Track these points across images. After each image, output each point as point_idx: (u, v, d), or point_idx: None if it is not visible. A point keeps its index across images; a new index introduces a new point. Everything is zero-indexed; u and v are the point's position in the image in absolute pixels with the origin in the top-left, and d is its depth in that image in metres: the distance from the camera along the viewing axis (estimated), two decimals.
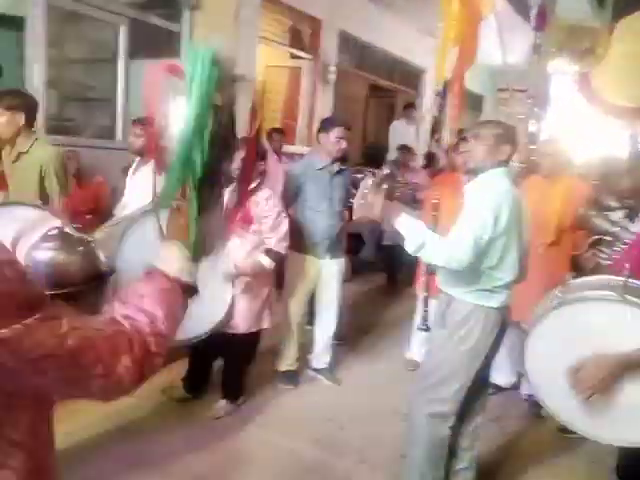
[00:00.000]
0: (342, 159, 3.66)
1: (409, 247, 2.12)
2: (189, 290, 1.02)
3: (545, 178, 3.40)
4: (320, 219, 3.46)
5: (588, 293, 2.11)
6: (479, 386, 2.38)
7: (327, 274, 3.58)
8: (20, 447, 0.80)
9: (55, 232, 1.35)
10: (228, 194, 3.10)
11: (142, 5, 5.25)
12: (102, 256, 1.44)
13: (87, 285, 1.25)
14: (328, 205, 3.48)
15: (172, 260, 1.00)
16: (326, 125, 3.52)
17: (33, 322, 0.72)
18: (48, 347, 0.72)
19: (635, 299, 1.92)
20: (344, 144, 3.43)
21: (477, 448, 2.52)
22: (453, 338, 2.28)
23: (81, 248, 1.34)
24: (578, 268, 3.19)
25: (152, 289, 0.94)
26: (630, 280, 1.96)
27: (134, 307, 0.90)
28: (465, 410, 2.40)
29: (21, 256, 1.19)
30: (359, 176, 4.50)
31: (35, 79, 4.40)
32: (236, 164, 1.85)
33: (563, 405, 2.07)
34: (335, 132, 3.42)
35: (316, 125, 4.01)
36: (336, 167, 3.52)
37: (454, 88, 6.33)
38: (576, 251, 3.27)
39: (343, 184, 3.60)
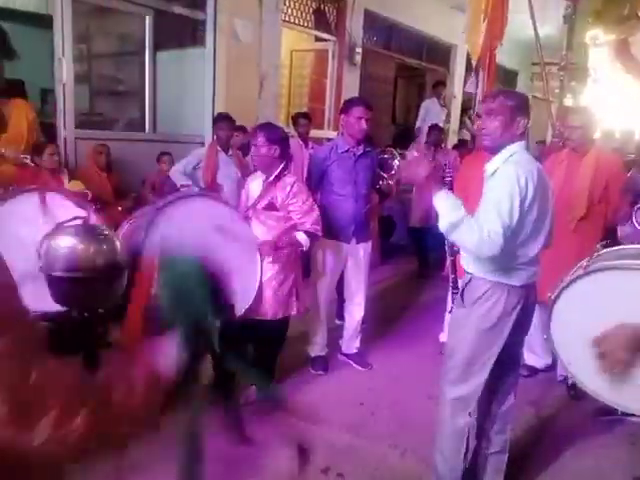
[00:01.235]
0: (367, 140, 3.61)
1: (442, 224, 2.01)
2: (179, 390, 0.99)
3: (574, 151, 3.28)
4: (345, 203, 3.43)
5: (616, 262, 2.03)
6: (508, 367, 2.31)
7: (354, 258, 3.56)
8: None
9: (75, 222, 1.37)
10: (253, 183, 3.15)
11: None
12: (120, 248, 1.45)
13: (101, 274, 1.26)
14: (353, 188, 3.44)
15: (167, 355, 0.96)
16: (346, 106, 3.47)
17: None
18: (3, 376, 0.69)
19: None
20: (364, 124, 3.36)
21: (509, 431, 2.45)
22: (472, 317, 2.19)
23: (99, 238, 1.36)
24: (612, 237, 3.11)
25: (142, 369, 0.90)
26: None
27: (115, 373, 0.86)
28: (494, 392, 2.34)
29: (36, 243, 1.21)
30: (386, 157, 4.45)
31: (64, 75, 4.48)
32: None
33: (593, 377, 2.00)
34: (354, 112, 3.36)
35: None
36: (361, 149, 3.47)
37: (485, 64, 6.16)
38: (608, 223, 3.19)
39: (369, 166, 3.55)
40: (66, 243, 1.30)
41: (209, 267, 1.06)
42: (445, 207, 2.01)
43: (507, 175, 2.05)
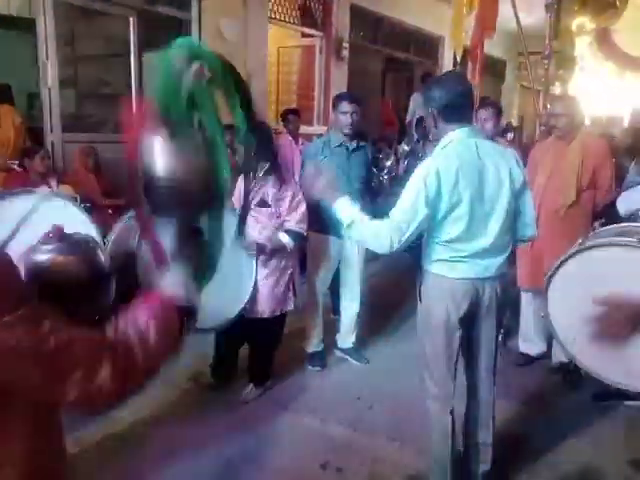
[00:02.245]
0: (359, 135, 3.60)
1: (343, 228, 2.08)
2: (188, 312, 1.01)
3: (560, 139, 3.29)
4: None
5: (609, 239, 2.04)
6: (480, 360, 2.26)
7: (349, 253, 3.55)
8: (14, 453, 0.81)
9: (54, 233, 1.34)
10: (240, 181, 3.14)
11: None
12: (103, 257, 1.43)
13: (85, 287, 1.25)
14: (346, 183, 3.42)
15: (173, 282, 0.99)
16: (335, 101, 3.48)
17: (13, 319, 0.71)
18: (25, 345, 0.72)
19: None
20: (350, 118, 3.35)
21: (492, 423, 2.36)
22: (424, 313, 2.19)
23: (80, 249, 1.33)
24: (608, 216, 3.12)
25: (147, 307, 0.93)
26: None
27: (125, 321, 0.89)
28: (474, 386, 2.30)
29: (18, 257, 1.20)
30: (380, 156, 4.46)
31: (49, 78, 4.45)
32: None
33: (592, 356, 2.00)
34: (341, 107, 3.36)
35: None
36: (354, 144, 3.47)
37: (474, 55, 6.17)
38: (596, 210, 3.21)
39: (362, 161, 3.54)
40: (43, 257, 1.27)
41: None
42: (340, 212, 2.08)
43: (418, 170, 2.03)
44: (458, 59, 6.80)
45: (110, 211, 4.05)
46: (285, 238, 3.02)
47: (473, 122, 2.13)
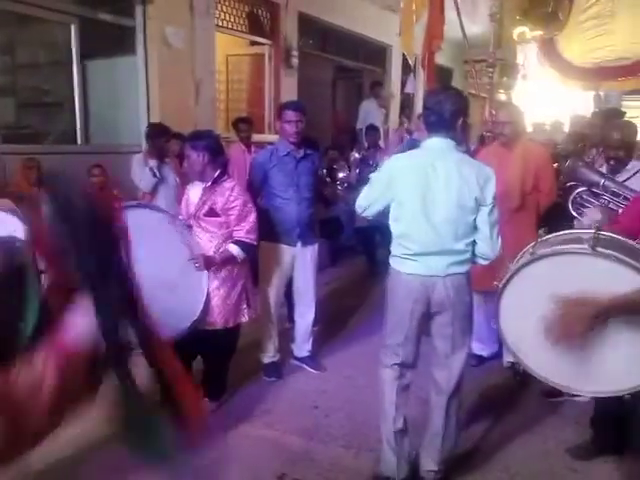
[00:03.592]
0: (309, 143, 3.61)
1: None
2: (103, 356, 0.94)
3: (504, 146, 3.39)
4: (288, 206, 3.40)
5: (560, 247, 2.08)
6: (436, 366, 2.44)
7: (301, 261, 3.54)
8: None
9: None
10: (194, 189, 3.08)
11: (92, 2, 5.09)
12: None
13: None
14: (295, 191, 3.42)
15: (82, 321, 0.92)
16: (279, 111, 3.48)
17: None
18: None
19: (606, 251, 1.89)
20: (295, 127, 3.35)
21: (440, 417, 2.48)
22: (387, 298, 2.42)
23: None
24: (550, 222, 3.23)
25: (46, 355, 0.86)
26: (601, 232, 1.93)
27: (19, 370, 0.83)
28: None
29: None
30: (335, 167, 4.52)
31: None
32: None
33: (541, 361, 2.04)
34: (285, 116, 3.36)
35: None
36: (301, 152, 3.46)
37: (425, 63, 6.30)
38: (540, 212, 3.32)
39: (311, 170, 3.54)
40: None
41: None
42: None
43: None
44: (411, 65, 6.94)
45: None
46: (234, 249, 2.98)
47: (449, 133, 2.28)
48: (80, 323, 0.91)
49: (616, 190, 2.80)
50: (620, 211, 2.65)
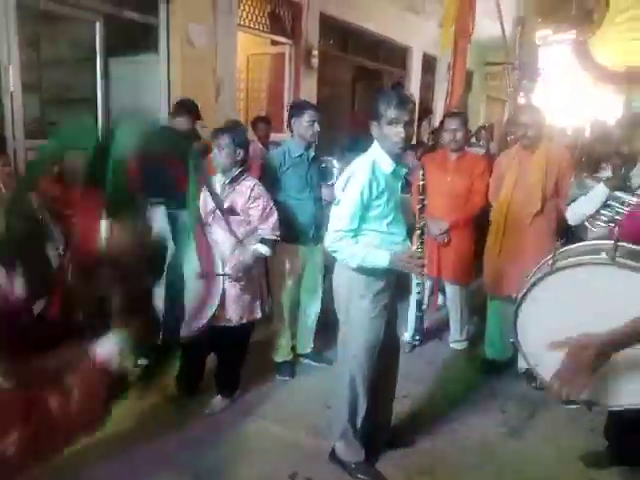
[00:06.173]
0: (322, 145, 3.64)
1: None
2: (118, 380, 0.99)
3: (525, 148, 3.36)
4: (304, 207, 3.42)
5: (579, 258, 2.06)
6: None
7: (312, 260, 3.56)
8: None
9: None
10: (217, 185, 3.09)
11: (117, 0, 5.15)
12: None
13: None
14: (310, 192, 3.45)
15: (111, 348, 0.98)
16: (297, 110, 3.44)
17: None
18: None
19: (626, 261, 1.87)
20: (317, 127, 3.37)
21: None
22: None
23: None
24: (568, 234, 3.20)
25: (76, 370, 0.91)
26: (620, 243, 1.91)
27: (49, 380, 0.88)
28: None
29: None
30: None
31: (11, 83, 4.33)
32: None
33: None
34: (306, 116, 3.35)
35: None
36: (312, 152, 3.49)
37: (456, 65, 6.28)
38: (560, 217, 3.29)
39: (319, 170, 3.60)
40: None
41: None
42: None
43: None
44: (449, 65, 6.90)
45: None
46: (263, 248, 3.01)
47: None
48: (111, 346, 0.98)
49: (625, 200, 2.78)
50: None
